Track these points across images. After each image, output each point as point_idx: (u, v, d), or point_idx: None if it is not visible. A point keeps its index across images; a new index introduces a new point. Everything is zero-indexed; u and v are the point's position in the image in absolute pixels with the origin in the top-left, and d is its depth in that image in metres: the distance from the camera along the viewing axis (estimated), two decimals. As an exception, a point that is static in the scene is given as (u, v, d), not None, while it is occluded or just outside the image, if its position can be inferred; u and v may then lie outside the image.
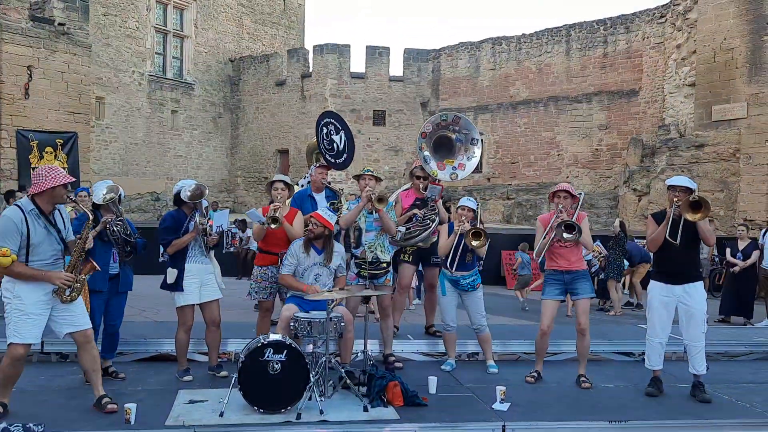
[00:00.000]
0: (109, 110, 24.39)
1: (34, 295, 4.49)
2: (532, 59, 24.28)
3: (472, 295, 6.29)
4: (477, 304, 6.30)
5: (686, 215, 5.30)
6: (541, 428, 4.76)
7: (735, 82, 16.98)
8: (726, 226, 16.60)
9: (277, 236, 6.06)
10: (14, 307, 4.48)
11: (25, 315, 4.46)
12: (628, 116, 22.15)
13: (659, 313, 5.63)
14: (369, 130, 26.10)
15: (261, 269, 6.15)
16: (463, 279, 6.25)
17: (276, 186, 6.18)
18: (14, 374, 4.55)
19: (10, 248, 4.35)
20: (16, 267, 4.40)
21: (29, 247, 4.47)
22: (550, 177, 23.30)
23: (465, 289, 6.27)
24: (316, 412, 4.69)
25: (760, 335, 8.12)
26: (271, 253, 6.13)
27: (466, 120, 7.39)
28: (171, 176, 26.20)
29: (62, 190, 4.55)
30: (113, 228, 5.41)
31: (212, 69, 28.82)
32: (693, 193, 5.51)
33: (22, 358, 4.53)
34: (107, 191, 5.49)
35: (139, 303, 9.89)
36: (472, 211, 6.21)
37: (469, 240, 5.96)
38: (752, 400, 5.50)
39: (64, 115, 19.38)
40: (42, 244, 4.52)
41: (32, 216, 4.50)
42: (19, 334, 4.45)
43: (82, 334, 4.68)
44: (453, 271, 6.19)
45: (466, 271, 6.26)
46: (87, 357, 4.72)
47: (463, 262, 6.24)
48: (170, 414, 4.66)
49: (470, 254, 6.23)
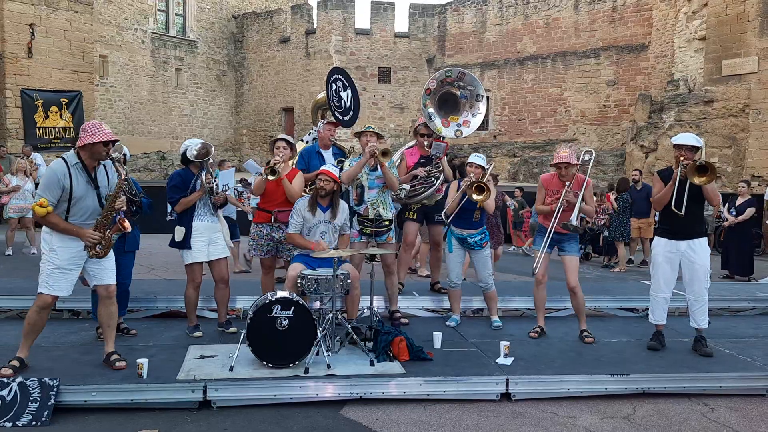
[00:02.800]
0: (112, 69, 24.23)
1: (68, 251, 4.60)
2: (540, 13, 23.86)
3: (479, 253, 6.33)
4: (484, 263, 6.35)
5: (692, 179, 5.29)
6: (543, 382, 4.84)
7: (746, 35, 16.67)
8: (734, 182, 16.50)
9: (274, 194, 6.06)
10: (48, 260, 4.60)
11: (57, 269, 4.59)
12: (636, 71, 21.86)
13: (663, 268, 5.68)
14: (374, 88, 25.88)
15: (257, 227, 6.16)
16: (470, 237, 6.28)
17: (278, 144, 6.17)
18: (39, 322, 4.68)
19: (49, 199, 4.45)
20: (51, 218, 4.49)
21: (71, 200, 4.55)
22: (557, 134, 23.15)
23: (472, 247, 6.31)
24: (324, 367, 4.79)
25: (762, 291, 8.17)
26: (266, 211, 6.12)
27: (471, 76, 7.33)
28: (176, 135, 26.17)
29: (101, 148, 4.55)
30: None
31: (215, 26, 28.48)
32: (699, 152, 5.48)
33: (48, 307, 4.68)
34: (112, 150, 5.50)
35: (149, 261, 10.02)
36: (481, 168, 6.19)
37: (471, 194, 5.95)
38: (752, 354, 5.57)
39: (67, 74, 19.30)
40: (84, 198, 4.59)
41: (76, 169, 4.57)
42: (50, 286, 4.59)
43: (105, 288, 4.79)
44: (448, 223, 6.23)
45: (473, 229, 6.29)
46: (105, 311, 4.83)
47: (470, 221, 6.26)
48: (181, 369, 4.77)
49: (477, 212, 6.24)
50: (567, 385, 4.84)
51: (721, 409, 4.70)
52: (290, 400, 4.53)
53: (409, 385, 4.69)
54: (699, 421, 4.47)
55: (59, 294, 4.65)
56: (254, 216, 6.37)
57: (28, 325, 4.67)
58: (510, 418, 4.44)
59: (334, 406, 4.53)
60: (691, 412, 4.65)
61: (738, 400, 4.87)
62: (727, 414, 4.62)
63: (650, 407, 4.70)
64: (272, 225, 6.06)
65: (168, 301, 6.58)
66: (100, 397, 4.33)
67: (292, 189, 6.03)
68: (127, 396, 4.36)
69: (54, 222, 4.53)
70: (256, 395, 4.52)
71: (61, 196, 4.52)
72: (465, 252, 6.41)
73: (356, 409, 4.51)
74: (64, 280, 4.62)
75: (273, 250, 6.14)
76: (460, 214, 6.25)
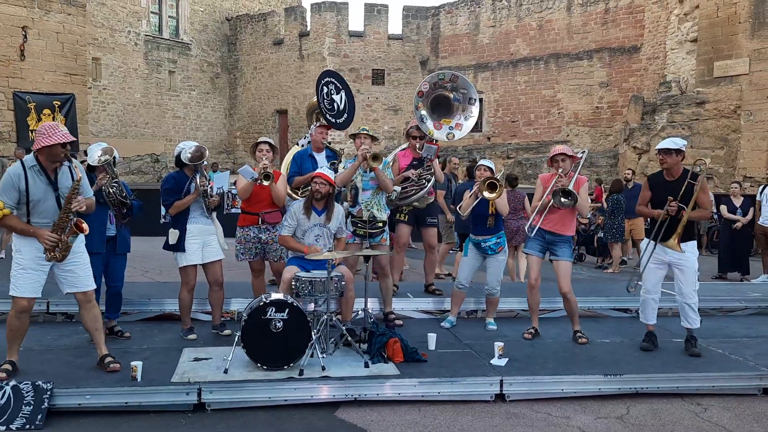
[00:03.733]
0: (105, 71, 24.15)
1: (31, 251, 4.57)
2: (533, 15, 23.93)
3: (493, 258, 6.33)
4: (496, 268, 6.34)
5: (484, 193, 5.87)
6: (537, 382, 4.87)
7: (737, 37, 16.76)
8: (726, 183, 16.58)
9: (260, 196, 6.06)
10: (15, 261, 4.61)
11: (22, 269, 4.57)
12: (629, 73, 21.95)
13: (652, 270, 5.71)
14: (368, 90, 25.87)
15: (243, 230, 6.15)
16: (484, 242, 6.29)
17: (261, 147, 6.19)
18: (20, 327, 4.65)
19: (5, 202, 4.44)
20: (8, 220, 4.50)
21: (29, 203, 4.52)
22: (550, 135, 23.20)
23: (486, 252, 6.32)
24: (318, 369, 4.80)
25: (754, 291, 8.22)
26: (252, 213, 6.11)
27: (464, 79, 7.35)
28: (170, 137, 26.10)
29: (59, 149, 4.50)
30: (109, 190, 5.43)
31: (209, 28, 28.43)
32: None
33: (25, 311, 4.63)
34: (102, 153, 5.50)
35: (142, 264, 9.99)
36: (489, 170, 6.22)
37: (483, 189, 5.97)
38: (745, 354, 5.61)
39: (60, 77, 19.22)
40: (43, 201, 4.56)
41: (33, 172, 4.53)
42: (17, 288, 4.57)
43: (82, 294, 4.75)
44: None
45: (488, 234, 6.29)
46: (87, 316, 4.80)
47: (484, 226, 6.27)
48: (176, 371, 4.77)
49: (491, 218, 6.24)
50: (561, 386, 4.86)
51: (713, 409, 4.73)
52: (285, 402, 4.53)
53: (403, 387, 4.70)
54: (692, 421, 4.50)
55: (26, 295, 4.58)
56: (239, 220, 6.30)
57: (9, 331, 4.66)
58: (504, 419, 4.45)
59: (329, 408, 4.54)
60: (684, 411, 4.67)
61: (731, 400, 4.90)
62: (720, 413, 4.65)
63: (644, 407, 4.72)
64: (260, 227, 6.06)
65: (162, 304, 6.57)
66: (94, 400, 4.32)
67: (279, 191, 6.05)
68: (121, 399, 4.36)
69: (10, 224, 4.54)
70: (251, 397, 4.52)
71: (19, 198, 4.49)
72: (480, 257, 6.40)
73: (351, 410, 4.52)
74: (30, 281, 4.57)
75: (261, 253, 6.14)
76: (475, 219, 6.28)
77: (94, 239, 5.35)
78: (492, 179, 6.00)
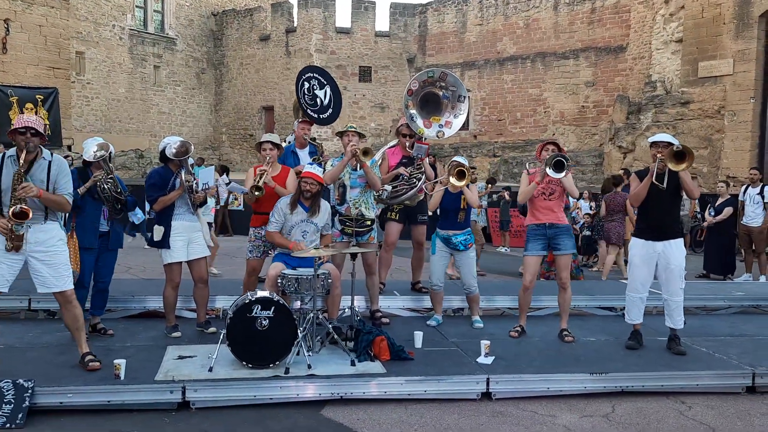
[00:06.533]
0: (89, 65, 23.91)
1: None
2: (520, 14, 24.01)
3: (464, 255, 6.32)
4: (469, 265, 6.33)
5: (670, 165, 5.30)
6: (524, 380, 4.86)
7: (722, 38, 16.91)
8: (709, 183, 16.75)
9: (269, 197, 6.05)
10: None
11: None
12: (614, 73, 22.09)
13: (640, 269, 5.73)
14: (355, 87, 25.84)
15: (255, 230, 6.16)
16: (455, 237, 6.27)
17: (264, 147, 6.15)
18: None
19: None
20: None
21: (0, 192, 4.39)
22: (536, 134, 23.29)
23: (456, 248, 6.30)
24: (304, 367, 4.76)
25: (738, 290, 8.29)
26: (263, 213, 6.09)
27: (454, 77, 7.33)
28: (155, 133, 25.91)
29: (18, 137, 4.35)
30: (103, 185, 5.38)
31: (195, 23, 28.24)
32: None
33: None
34: (98, 148, 5.44)
35: (126, 260, 9.89)
36: (462, 166, 6.21)
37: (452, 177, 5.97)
38: (728, 352, 5.65)
39: (43, 70, 19.01)
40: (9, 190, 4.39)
41: (10, 161, 4.43)
42: None
43: (60, 294, 4.61)
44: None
45: (458, 230, 6.29)
46: (68, 315, 4.70)
47: (454, 221, 6.27)
48: (159, 369, 4.71)
49: (462, 213, 6.25)
50: (547, 384, 4.87)
51: (698, 407, 4.75)
52: (270, 401, 4.50)
53: (390, 385, 4.68)
54: (676, 419, 4.52)
55: None
56: (251, 220, 6.33)
57: None
58: (490, 417, 4.45)
59: (315, 407, 4.51)
60: (668, 410, 4.69)
61: (714, 398, 4.93)
62: (704, 411, 4.67)
63: (629, 405, 4.74)
64: None
65: (146, 301, 6.51)
66: (76, 399, 4.26)
67: (284, 191, 6.01)
68: (103, 397, 4.30)
69: None
70: (236, 396, 4.48)
71: None
72: (449, 255, 6.40)
73: (337, 409, 4.49)
74: None
75: (268, 252, 6.15)
76: (445, 213, 6.27)
77: (88, 235, 5.27)
78: (461, 167, 6.01)
